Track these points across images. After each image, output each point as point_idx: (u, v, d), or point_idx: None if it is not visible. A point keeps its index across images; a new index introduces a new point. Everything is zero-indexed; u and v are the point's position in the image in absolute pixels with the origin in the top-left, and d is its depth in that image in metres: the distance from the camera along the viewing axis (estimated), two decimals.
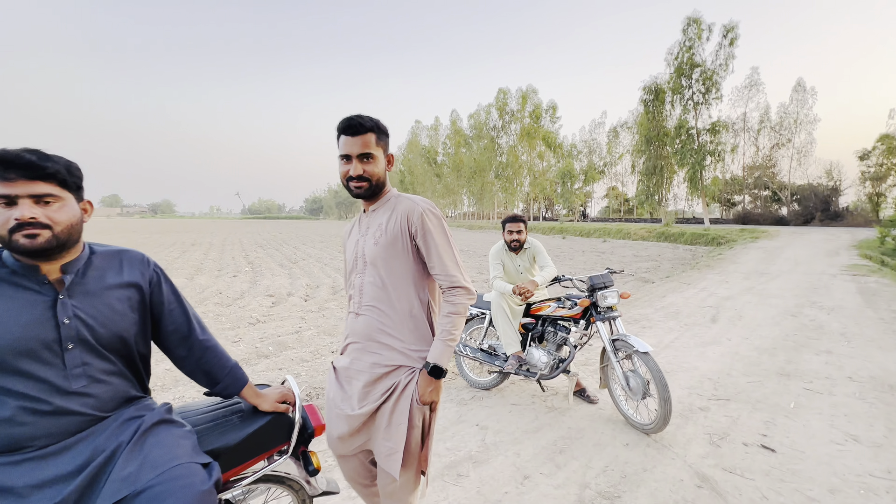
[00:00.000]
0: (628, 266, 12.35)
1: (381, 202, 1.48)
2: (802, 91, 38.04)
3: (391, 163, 1.47)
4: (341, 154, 1.39)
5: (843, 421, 2.81)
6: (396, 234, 1.40)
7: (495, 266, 3.25)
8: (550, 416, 2.92)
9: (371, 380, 1.41)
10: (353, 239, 1.54)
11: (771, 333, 4.87)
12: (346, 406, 1.43)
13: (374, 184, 1.41)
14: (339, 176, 1.43)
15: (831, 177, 37.56)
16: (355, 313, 1.47)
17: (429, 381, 1.39)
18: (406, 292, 1.42)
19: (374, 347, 1.42)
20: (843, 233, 22.07)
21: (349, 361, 1.46)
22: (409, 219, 1.41)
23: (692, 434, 2.65)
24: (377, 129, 1.40)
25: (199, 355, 1.30)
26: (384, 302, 1.41)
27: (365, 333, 1.43)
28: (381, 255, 1.40)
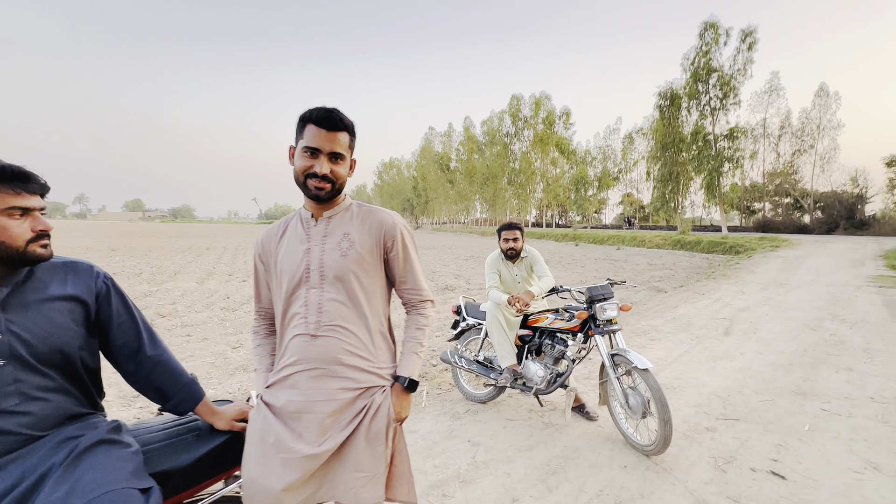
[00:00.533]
0: (641, 275, 12.07)
1: (340, 209, 1.33)
2: (825, 96, 36.94)
3: (353, 168, 1.34)
4: (307, 146, 1.21)
5: (863, 446, 2.61)
6: (371, 248, 1.31)
7: (491, 275, 3.15)
8: (546, 434, 2.79)
9: (337, 408, 1.22)
10: (294, 248, 1.29)
11: (788, 348, 4.64)
12: (301, 446, 1.18)
13: (337, 188, 1.27)
14: (295, 170, 1.25)
15: (857, 184, 36.25)
16: (310, 335, 1.23)
17: (405, 395, 1.33)
18: (377, 308, 1.34)
19: (339, 371, 1.24)
20: (870, 242, 21.22)
21: (299, 393, 1.23)
22: (384, 232, 1.33)
23: (696, 457, 2.49)
24: (352, 131, 1.29)
25: (149, 371, 1.25)
26: (352, 320, 1.27)
27: (326, 357, 1.23)
28: (352, 268, 1.26)
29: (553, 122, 46.41)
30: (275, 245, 1.34)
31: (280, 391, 1.26)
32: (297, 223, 1.34)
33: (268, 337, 1.43)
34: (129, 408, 3.40)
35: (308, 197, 1.27)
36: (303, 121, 1.23)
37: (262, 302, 1.42)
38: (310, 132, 1.21)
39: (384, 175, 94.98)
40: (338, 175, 1.25)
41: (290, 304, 1.27)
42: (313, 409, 1.21)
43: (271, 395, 1.27)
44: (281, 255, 1.31)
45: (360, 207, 1.37)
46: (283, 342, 1.29)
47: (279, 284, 1.30)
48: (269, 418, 1.22)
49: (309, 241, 1.29)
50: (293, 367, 1.25)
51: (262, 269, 1.38)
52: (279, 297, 1.30)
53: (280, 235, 1.35)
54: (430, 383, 3.82)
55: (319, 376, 1.23)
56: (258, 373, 1.36)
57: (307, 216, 1.33)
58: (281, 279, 1.29)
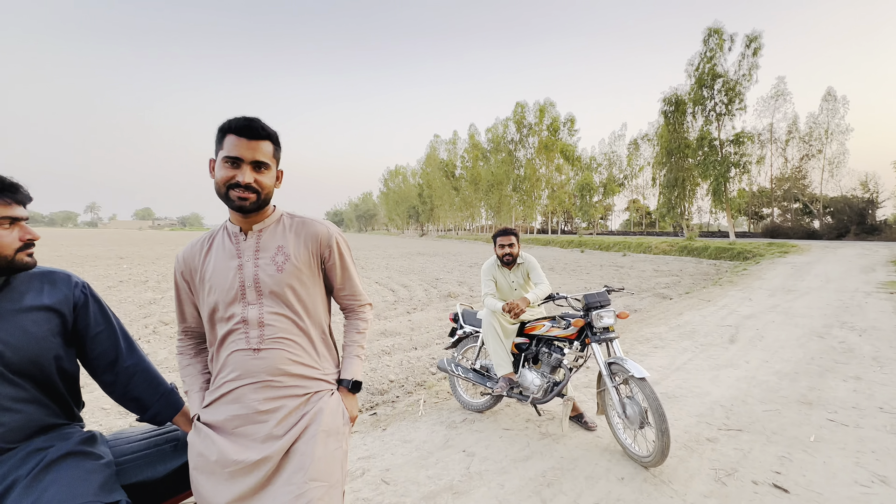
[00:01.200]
0: (647, 281, 11.95)
1: (271, 222, 1.29)
2: (833, 100, 36.61)
3: (280, 180, 1.30)
4: (227, 156, 1.17)
5: (871, 458, 2.53)
6: (307, 260, 1.30)
7: (487, 283, 3.12)
8: (543, 444, 2.74)
9: (286, 413, 1.20)
10: (223, 264, 1.23)
11: (794, 356, 4.54)
12: (248, 454, 1.14)
13: (263, 198, 1.22)
14: (216, 182, 1.19)
15: (867, 189, 35.72)
16: (252, 350, 1.19)
17: (351, 397, 1.35)
18: (319, 318, 1.33)
19: (285, 381, 1.21)
20: (881, 247, 20.86)
21: (243, 406, 1.18)
22: (320, 243, 1.32)
23: (696, 468, 2.42)
24: (276, 140, 1.26)
25: (127, 381, 1.24)
26: (295, 332, 1.25)
27: (271, 369, 1.20)
28: (289, 282, 1.24)
29: (557, 128, 46.46)
30: (199, 262, 1.27)
31: (220, 407, 1.21)
32: (223, 238, 1.28)
33: (197, 356, 1.36)
34: (128, 415, 3.40)
35: (232, 209, 1.23)
36: (222, 131, 1.19)
37: (187, 321, 1.35)
38: (230, 142, 1.17)
39: (390, 182, 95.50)
40: (262, 185, 1.21)
41: (226, 322, 1.22)
42: (259, 418, 1.18)
43: (211, 414, 1.22)
44: (209, 272, 1.24)
45: (291, 219, 1.34)
46: (220, 359, 1.24)
47: (209, 302, 1.23)
48: (210, 436, 1.18)
49: (240, 257, 1.24)
50: (235, 382, 1.20)
51: (186, 287, 1.31)
52: (210, 314, 1.24)
53: (205, 251, 1.28)
54: (428, 392, 3.78)
55: (264, 387, 1.20)
56: (192, 393, 1.29)
57: (235, 230, 1.27)
58: (211, 297, 1.23)
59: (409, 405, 3.50)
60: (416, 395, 3.78)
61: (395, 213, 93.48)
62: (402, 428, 3.03)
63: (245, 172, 1.17)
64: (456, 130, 66.16)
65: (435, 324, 6.72)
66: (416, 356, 4.94)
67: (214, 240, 1.29)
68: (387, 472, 2.44)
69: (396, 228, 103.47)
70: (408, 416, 3.23)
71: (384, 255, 23.60)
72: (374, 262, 18.33)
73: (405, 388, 3.98)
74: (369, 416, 3.33)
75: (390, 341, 5.69)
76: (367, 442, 2.82)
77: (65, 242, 34.79)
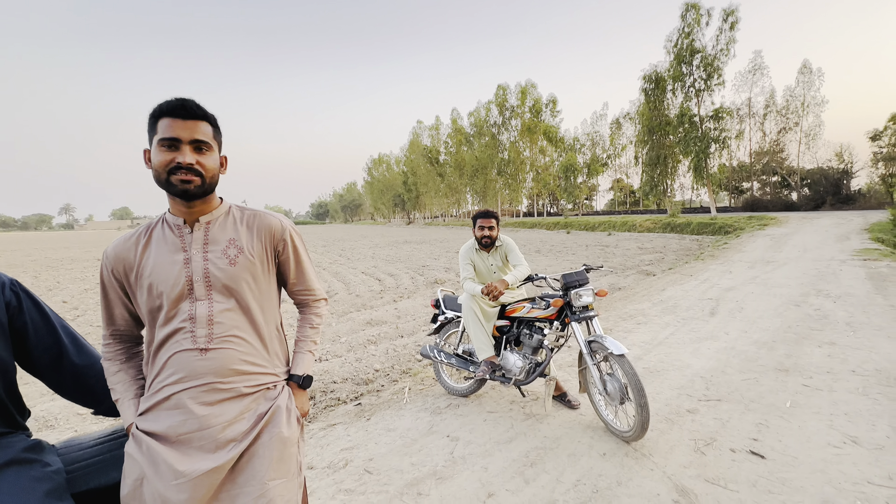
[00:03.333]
0: (631, 259, 12.09)
1: (219, 214, 1.22)
2: (809, 73, 37.12)
3: (224, 166, 1.23)
4: (163, 138, 1.08)
5: (843, 420, 2.60)
6: (262, 253, 1.24)
7: (465, 267, 3.08)
8: (527, 425, 2.75)
9: (235, 415, 1.13)
10: (166, 258, 1.14)
11: (772, 325, 4.64)
12: (197, 464, 1.05)
13: (208, 183, 1.14)
14: (154, 168, 1.10)
15: (842, 159, 36.64)
16: (199, 350, 1.11)
17: (301, 392, 1.31)
18: (270, 313, 1.27)
19: (234, 381, 1.14)
20: (855, 216, 21.45)
21: (185, 412, 1.09)
22: (273, 236, 1.26)
23: (676, 440, 2.46)
24: (214, 122, 1.18)
25: (75, 378, 1.19)
26: (246, 329, 1.19)
27: (219, 369, 1.12)
28: (243, 276, 1.18)
29: (540, 110, 46.29)
30: (135, 257, 1.16)
31: (159, 414, 1.11)
32: (164, 231, 1.18)
33: (128, 361, 1.24)
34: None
35: (175, 195, 1.13)
36: (154, 116, 1.10)
37: (116, 324, 1.23)
38: (164, 125, 1.09)
39: (374, 171, 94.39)
40: (206, 167, 1.13)
41: (169, 321, 1.13)
42: (207, 423, 1.09)
43: (149, 422, 1.11)
44: (148, 267, 1.14)
45: (241, 211, 1.27)
46: (158, 361, 1.14)
47: (149, 301, 1.14)
48: (151, 447, 1.07)
49: (187, 251, 1.15)
50: (177, 386, 1.10)
51: (117, 286, 1.19)
52: (151, 313, 1.15)
53: (142, 246, 1.17)
54: (414, 379, 3.76)
55: (210, 390, 1.11)
56: (124, 401, 1.17)
57: (177, 222, 1.18)
58: (152, 294, 1.13)
59: (395, 393, 3.48)
60: (401, 382, 3.76)
61: (380, 203, 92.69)
62: (386, 417, 3.01)
63: (185, 153, 1.09)
64: (438, 116, 65.15)
65: (421, 311, 6.70)
66: (402, 344, 4.92)
67: (153, 233, 1.19)
68: (370, 461, 2.42)
69: (383, 217, 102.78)
70: (393, 405, 3.21)
71: (370, 244, 23.42)
72: (361, 252, 18.18)
73: (390, 376, 3.96)
74: (353, 406, 3.30)
75: (376, 330, 5.65)
76: (350, 433, 2.79)
77: (38, 246, 33.71)
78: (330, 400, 3.49)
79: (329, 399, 3.50)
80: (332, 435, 2.78)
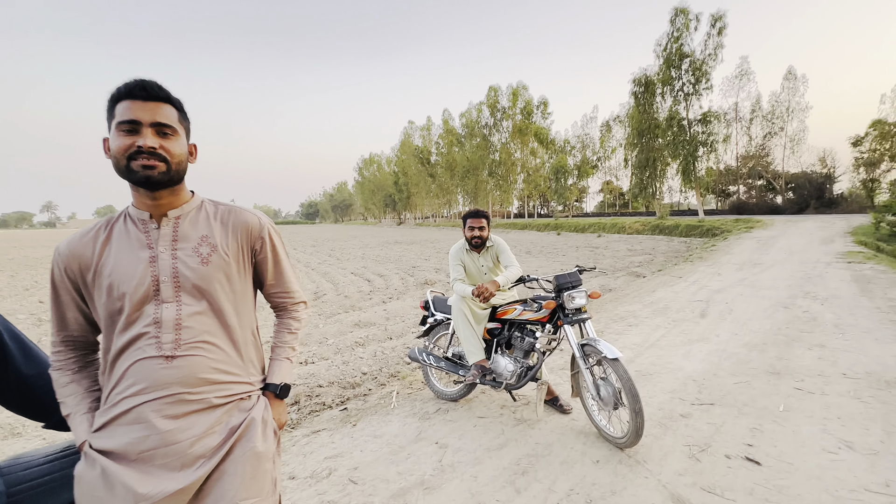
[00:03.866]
0: (621, 261, 12.13)
1: (190, 208, 1.12)
2: (793, 79, 37.84)
3: (194, 155, 1.13)
4: (122, 121, 0.98)
5: (837, 425, 2.57)
6: (237, 252, 1.14)
7: (455, 267, 3.00)
8: (518, 430, 2.67)
9: (205, 429, 1.02)
10: (129, 256, 1.03)
11: (762, 327, 4.64)
12: (162, 484, 0.95)
13: (174, 170, 1.04)
14: (113, 155, 1.00)
15: (825, 164, 37.37)
16: (164, 357, 1.00)
17: (279, 402, 1.21)
18: (246, 317, 1.17)
19: (202, 392, 1.03)
20: (839, 220, 21.89)
21: (148, 427, 0.97)
22: (250, 234, 1.17)
23: (670, 446, 2.40)
24: (180, 107, 1.08)
25: (21, 388, 1.08)
26: (218, 334, 1.08)
27: (187, 379, 1.01)
28: (216, 276, 1.08)
29: (531, 111, 46.47)
30: (94, 254, 1.04)
31: (117, 430, 0.99)
32: (126, 226, 1.07)
33: (82, 371, 1.11)
34: None
35: (136, 184, 1.02)
36: (113, 100, 1.01)
37: (68, 329, 1.10)
38: (123, 107, 0.99)
39: (364, 171, 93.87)
40: (171, 152, 1.02)
41: (131, 325, 1.02)
42: (172, 438, 0.98)
43: (104, 439, 0.99)
44: (109, 266, 1.03)
45: (216, 206, 1.17)
46: (116, 371, 1.02)
47: (109, 302, 1.02)
48: (107, 468, 0.96)
49: (153, 247, 1.05)
50: (138, 398, 0.98)
51: (71, 286, 1.06)
52: (110, 317, 1.03)
53: (102, 242, 1.05)
54: (402, 382, 3.66)
55: (176, 402, 1.00)
56: (76, 416, 1.05)
57: (142, 216, 1.07)
58: (113, 295, 1.02)
59: (382, 397, 3.38)
60: (389, 386, 3.66)
61: (371, 203, 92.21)
62: (373, 422, 2.91)
63: (146, 136, 0.99)
64: (430, 116, 65.17)
65: (411, 312, 6.60)
66: (390, 346, 4.81)
67: (114, 228, 1.08)
68: (355, 470, 2.32)
69: (373, 218, 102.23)
70: (380, 410, 3.11)
71: (361, 244, 23.22)
72: (351, 252, 17.99)
73: (378, 379, 3.85)
74: (339, 411, 3.19)
75: (364, 332, 5.53)
76: (335, 440, 2.68)
77: (18, 244, 32.78)
78: (315, 405, 3.37)
79: (314, 404, 3.38)
80: (316, 442, 2.67)
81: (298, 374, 4.04)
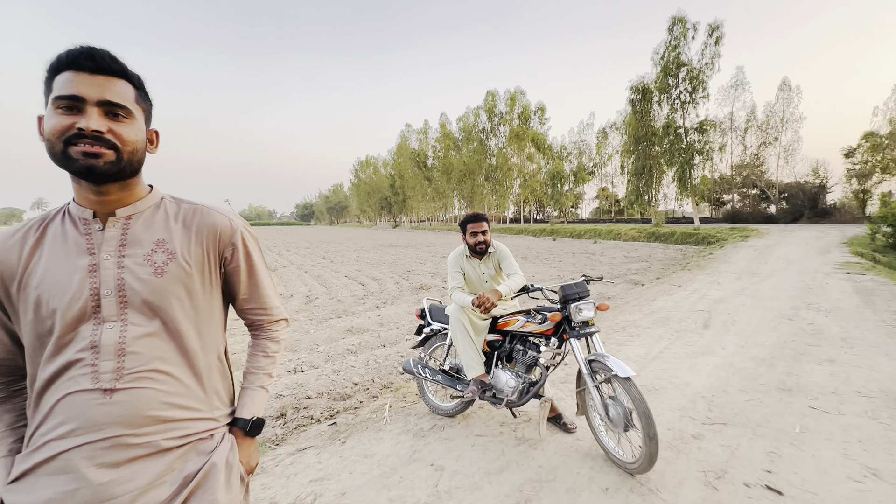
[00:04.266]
0: (618, 268, 12.01)
1: (146, 207, 0.93)
2: (788, 90, 38.26)
3: (155, 143, 0.95)
4: (59, 97, 0.80)
5: (858, 449, 2.41)
6: (201, 260, 0.95)
7: (454, 275, 2.82)
8: (519, 451, 2.49)
9: (153, 478, 0.83)
10: (64, 263, 0.85)
11: (767, 340, 4.50)
12: None
13: (125, 160, 0.85)
14: (47, 137, 0.81)
15: (818, 174, 37.73)
16: (101, 391, 0.81)
17: (249, 441, 1.01)
18: (212, 339, 0.98)
19: (150, 434, 0.84)
20: (832, 230, 22.00)
21: (75, 479, 0.78)
22: (218, 239, 0.98)
23: (684, 472, 2.23)
24: (139, 84, 0.89)
25: None
26: (174, 360, 0.89)
27: (130, 418, 0.82)
28: (173, 290, 0.89)
29: (528, 117, 46.51)
30: (19, 260, 0.85)
31: (39, 481, 0.79)
32: (64, 226, 0.88)
33: (5, 403, 0.91)
34: None
35: (77, 175, 0.84)
36: (52, 71, 0.82)
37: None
38: (63, 80, 0.80)
39: (361, 173, 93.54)
40: (122, 138, 0.83)
41: (61, 349, 0.82)
42: (107, 493, 0.79)
43: (22, 493, 0.79)
44: (38, 274, 0.84)
45: (178, 205, 0.98)
46: (43, 406, 0.83)
47: (36, 321, 0.83)
48: None
49: (94, 253, 0.86)
50: (66, 442, 0.79)
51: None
52: (39, 339, 0.84)
53: (31, 245, 0.86)
54: (395, 395, 3.47)
55: (115, 447, 0.81)
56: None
57: (84, 215, 0.88)
58: (41, 311, 0.83)
59: (374, 411, 3.18)
60: (381, 398, 3.47)
61: (366, 205, 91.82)
62: (363, 440, 2.71)
63: (90, 116, 0.80)
64: (427, 120, 65.09)
65: (405, 318, 6.40)
66: (383, 354, 4.61)
67: (48, 229, 0.89)
68: (342, 496, 2.12)
69: (369, 220, 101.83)
70: (371, 425, 2.92)
71: (356, 247, 22.97)
72: (345, 255, 17.75)
73: (370, 391, 3.66)
74: (328, 426, 2.99)
75: (357, 339, 5.33)
76: (322, 459, 2.48)
77: None
78: (302, 418, 3.17)
79: (301, 417, 3.18)
80: (302, 462, 2.47)
81: (286, 383, 3.83)
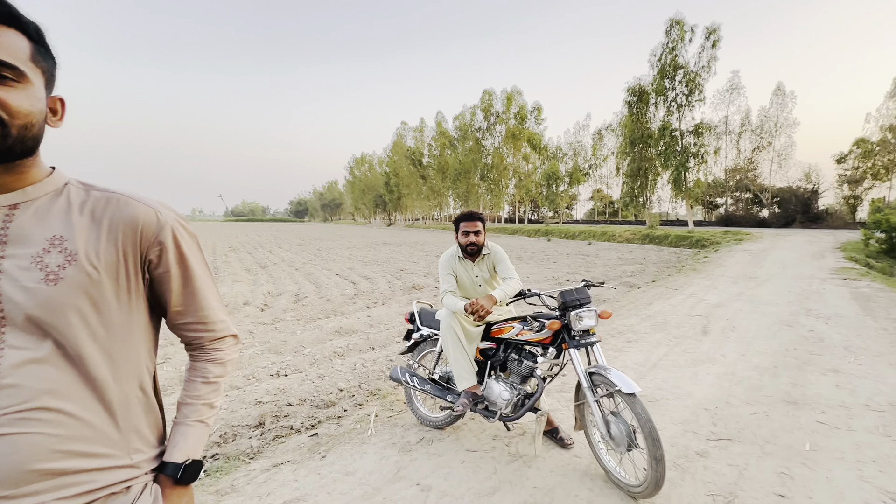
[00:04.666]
0: (613, 269, 11.89)
1: (40, 193, 0.72)
2: (782, 95, 38.50)
3: (59, 115, 0.75)
4: None
5: (874, 469, 2.26)
6: (114, 263, 0.74)
7: (446, 278, 2.63)
8: (513, 469, 2.31)
9: None
10: None
11: (769, 348, 4.36)
12: None
13: (15, 136, 0.65)
14: None
15: (810, 179, 38.05)
16: None
17: (180, 491, 0.81)
18: (133, 363, 0.78)
19: (38, 490, 0.65)
20: (825, 235, 22.11)
21: None
22: (141, 235, 0.76)
23: (691, 495, 2.06)
24: (38, 37, 0.69)
25: None
26: (73, 394, 0.69)
27: (5, 475, 0.63)
28: (71, 301, 0.69)
29: (525, 117, 46.39)
30: None
31: None
32: None
33: None
34: None
35: None
36: None
37: None
38: None
39: (356, 171, 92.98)
40: (10, 107, 0.64)
41: None
42: None
43: None
44: None
45: (86, 192, 0.76)
46: None
47: None
48: None
49: None
50: None
51: None
52: None
53: None
54: (382, 402, 3.28)
55: None
56: None
57: None
58: None
59: (359, 420, 2.99)
60: (368, 406, 3.27)
61: (361, 203, 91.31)
62: (345, 454, 2.51)
63: None
64: (423, 118, 64.66)
65: (396, 319, 6.21)
66: (371, 358, 4.42)
67: None
68: None
69: (363, 218, 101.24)
70: (354, 437, 2.72)
71: (348, 245, 22.69)
72: (337, 253, 17.49)
73: (356, 398, 3.46)
74: (308, 437, 2.79)
75: (345, 341, 5.12)
76: (299, 477, 2.29)
77: None
78: (281, 428, 2.97)
79: (280, 427, 2.98)
80: (277, 479, 2.27)
81: (267, 388, 3.62)
